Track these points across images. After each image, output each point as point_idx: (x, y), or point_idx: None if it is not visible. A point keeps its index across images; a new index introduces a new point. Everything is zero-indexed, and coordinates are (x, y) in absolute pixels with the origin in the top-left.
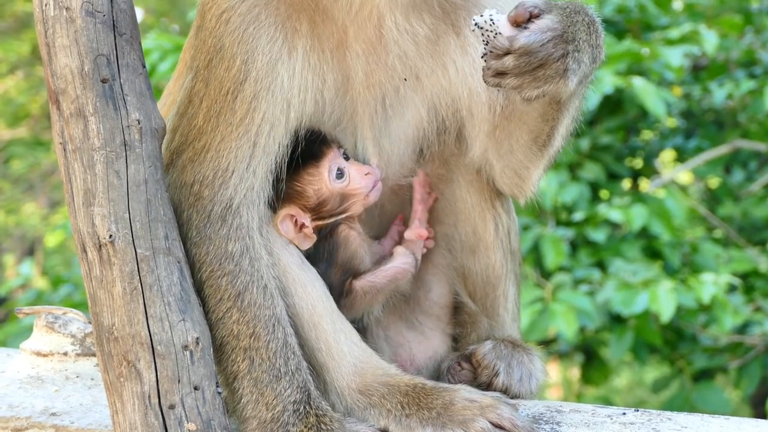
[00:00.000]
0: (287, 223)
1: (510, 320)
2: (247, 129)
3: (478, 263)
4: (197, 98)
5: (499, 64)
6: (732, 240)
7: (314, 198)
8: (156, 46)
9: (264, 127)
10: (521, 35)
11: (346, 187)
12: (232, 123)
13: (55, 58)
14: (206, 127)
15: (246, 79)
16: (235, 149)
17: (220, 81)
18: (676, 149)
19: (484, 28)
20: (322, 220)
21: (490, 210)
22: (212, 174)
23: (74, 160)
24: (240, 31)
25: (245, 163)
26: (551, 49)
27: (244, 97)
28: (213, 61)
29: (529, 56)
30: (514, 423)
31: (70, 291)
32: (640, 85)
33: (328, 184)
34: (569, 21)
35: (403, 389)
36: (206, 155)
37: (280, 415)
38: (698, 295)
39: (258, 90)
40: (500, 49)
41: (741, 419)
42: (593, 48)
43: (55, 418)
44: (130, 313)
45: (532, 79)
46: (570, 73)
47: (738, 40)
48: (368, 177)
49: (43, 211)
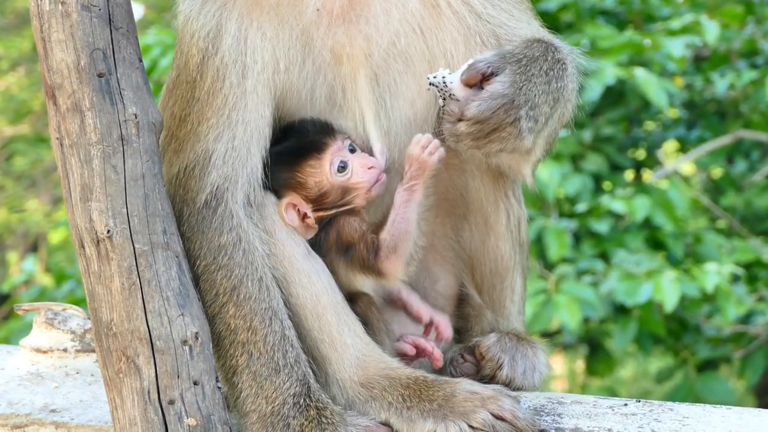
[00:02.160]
0: (291, 212)
1: (516, 313)
2: (218, 106)
3: (487, 254)
4: (173, 87)
5: (453, 129)
6: (735, 230)
7: (315, 189)
8: (157, 42)
9: (232, 100)
10: (471, 104)
11: (348, 180)
12: (204, 103)
13: (51, 53)
14: (183, 113)
15: (205, 58)
16: (211, 129)
17: (184, 64)
18: (679, 140)
19: (439, 86)
20: (324, 212)
21: (503, 199)
22: (194, 160)
23: (71, 155)
24: (195, 11)
25: (223, 142)
26: (502, 115)
27: (208, 75)
28: (181, 47)
29: (480, 124)
30: (516, 415)
31: (73, 287)
32: (642, 76)
33: (329, 177)
34: (524, 78)
35: (405, 382)
36: (187, 143)
37: (280, 408)
38: (702, 285)
39: (219, 66)
40: (453, 115)
41: (743, 409)
42: (553, 92)
43: (54, 415)
44: (129, 308)
45: (487, 141)
46: (525, 133)
47: (739, 30)
48: (372, 171)
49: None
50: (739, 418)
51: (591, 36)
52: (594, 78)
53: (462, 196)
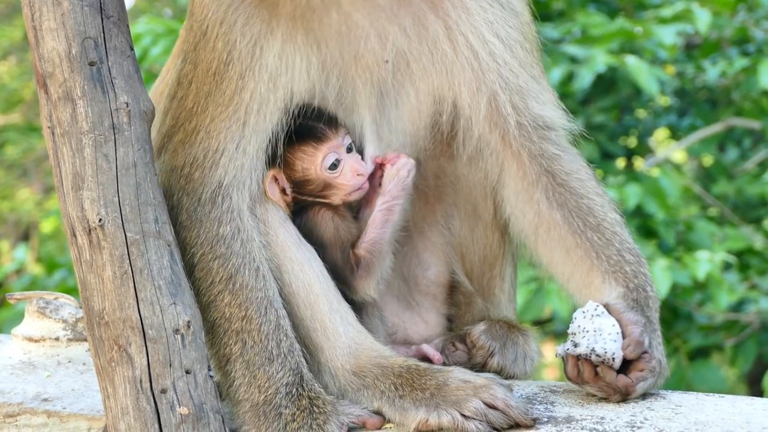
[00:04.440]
0: (273, 185)
1: (506, 301)
2: (236, 108)
3: (476, 242)
4: (186, 80)
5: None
6: (726, 218)
7: (300, 174)
8: (148, 30)
9: (252, 106)
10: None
11: (335, 179)
12: (221, 103)
13: (42, 42)
14: (196, 108)
15: (230, 60)
16: (225, 129)
17: (207, 62)
18: (670, 128)
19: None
20: (301, 196)
21: (491, 189)
22: (203, 155)
23: (62, 144)
24: (221, 12)
25: (235, 142)
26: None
27: (230, 77)
28: (200, 44)
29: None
30: (508, 403)
31: (65, 276)
32: (633, 64)
33: (318, 169)
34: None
35: (397, 371)
36: (197, 136)
37: (272, 397)
38: (693, 273)
39: (243, 69)
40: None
41: (735, 397)
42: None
43: (47, 404)
44: (121, 297)
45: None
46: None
47: (731, 18)
48: (359, 178)
49: (38, 196)
50: (732, 406)
51: (582, 24)
52: (585, 66)
53: (452, 183)
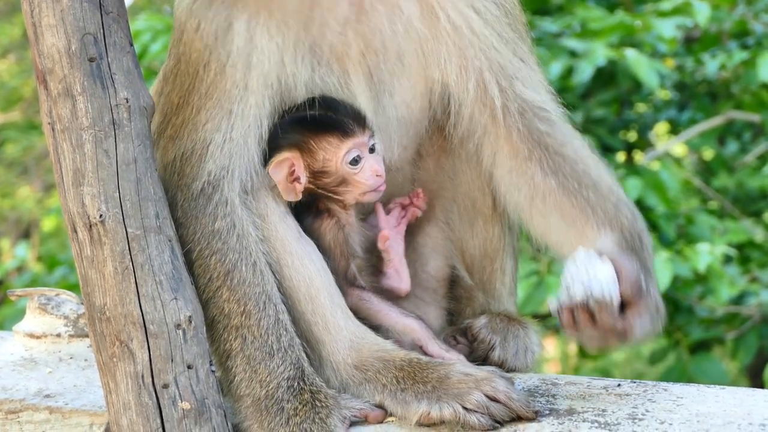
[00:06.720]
0: (283, 168)
1: (507, 295)
2: (218, 98)
3: (476, 236)
4: (171, 75)
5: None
6: (727, 211)
7: (320, 163)
8: (147, 27)
9: (235, 94)
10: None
11: (354, 175)
12: (203, 94)
13: (41, 38)
14: (181, 102)
15: (206, 50)
16: (210, 119)
17: (186, 55)
18: (670, 121)
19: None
20: (315, 188)
21: (489, 182)
22: (191, 148)
23: (63, 140)
24: (194, 5)
25: (221, 132)
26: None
27: (209, 67)
28: (182, 38)
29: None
30: (510, 396)
31: (66, 273)
32: (633, 58)
33: (339, 162)
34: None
35: (399, 364)
36: (184, 130)
37: (274, 391)
38: (694, 265)
39: (219, 59)
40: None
41: (736, 389)
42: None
43: (49, 400)
44: (122, 292)
45: None
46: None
47: (730, 11)
48: (378, 179)
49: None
50: (733, 398)
51: (582, 18)
52: (585, 59)
53: (450, 178)
